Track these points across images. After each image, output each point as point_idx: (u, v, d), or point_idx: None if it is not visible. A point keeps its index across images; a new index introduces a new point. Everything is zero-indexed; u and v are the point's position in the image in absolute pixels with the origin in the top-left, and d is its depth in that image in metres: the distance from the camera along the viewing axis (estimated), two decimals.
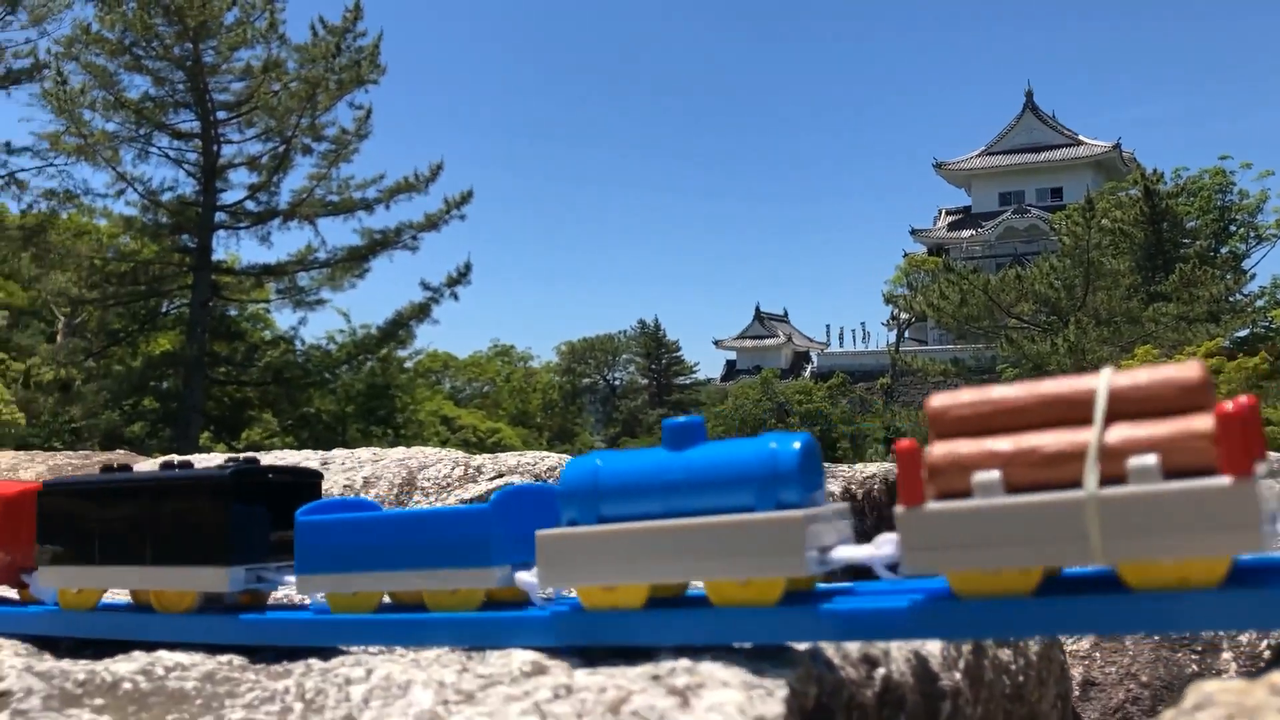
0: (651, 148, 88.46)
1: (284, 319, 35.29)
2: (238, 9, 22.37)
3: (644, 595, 0.64)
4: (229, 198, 23.79)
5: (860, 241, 79.51)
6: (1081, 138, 34.52)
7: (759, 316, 40.22)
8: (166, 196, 23.44)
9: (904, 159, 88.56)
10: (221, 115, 22.98)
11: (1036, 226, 31.03)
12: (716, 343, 40.89)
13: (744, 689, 0.48)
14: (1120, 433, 0.54)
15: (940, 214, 36.44)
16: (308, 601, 0.80)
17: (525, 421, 34.31)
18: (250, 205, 23.88)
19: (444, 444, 23.59)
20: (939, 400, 0.60)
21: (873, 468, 1.99)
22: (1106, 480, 0.54)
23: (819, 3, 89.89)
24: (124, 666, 0.63)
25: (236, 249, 25.75)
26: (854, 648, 0.60)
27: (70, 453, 3.07)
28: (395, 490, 2.17)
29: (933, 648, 0.67)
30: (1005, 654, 0.75)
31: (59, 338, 23.78)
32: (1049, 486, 0.55)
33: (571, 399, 38.89)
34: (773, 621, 0.59)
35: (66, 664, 0.66)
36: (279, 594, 0.97)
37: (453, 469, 2.20)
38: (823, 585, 0.66)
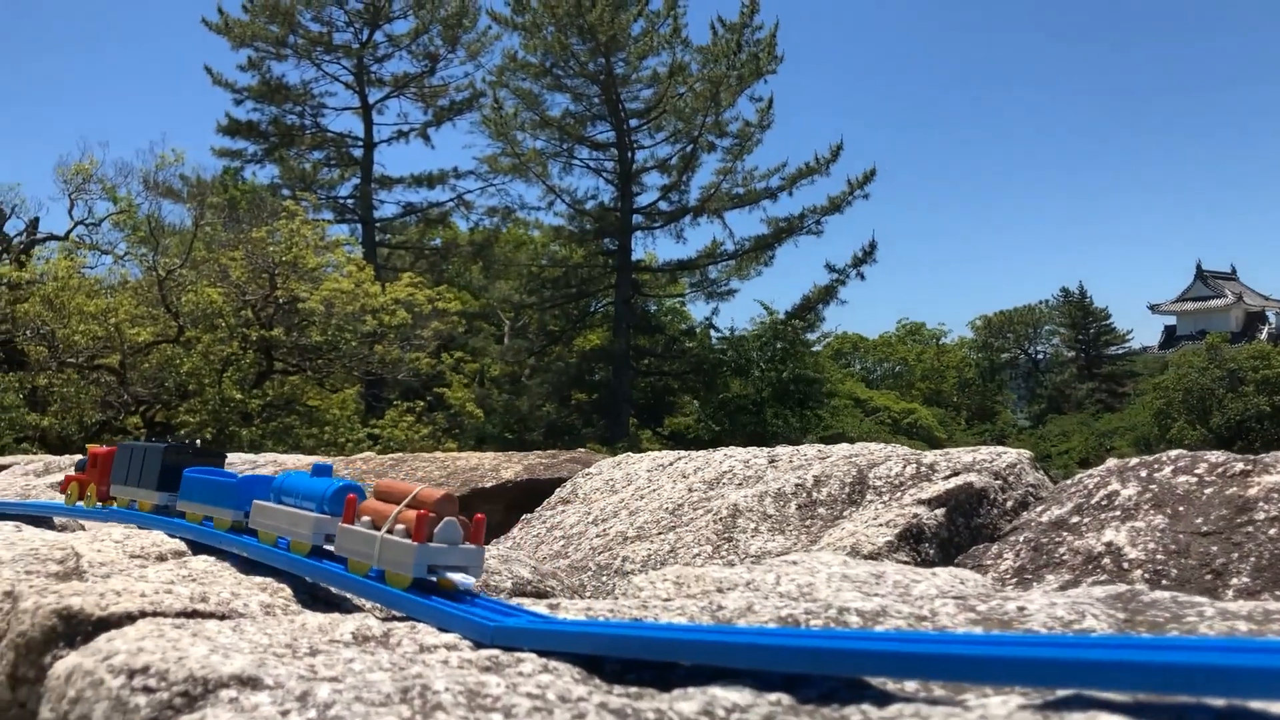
0: (1065, 99, 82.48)
1: (698, 310, 36.78)
2: (643, 19, 23.57)
3: (275, 538, 1.30)
4: (643, 200, 25.25)
5: None
6: None
7: (1201, 275, 36.45)
8: (589, 204, 25.34)
9: None
10: (633, 123, 24.39)
11: None
12: (1152, 307, 37.60)
13: None
14: (406, 512, 1.09)
15: None
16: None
17: (941, 401, 33.40)
18: (663, 205, 25.20)
19: (860, 426, 23.50)
20: (379, 482, 1.18)
21: None
22: (390, 531, 1.09)
23: None
24: (686, 706, 0.64)
25: (653, 247, 27.27)
26: None
27: (540, 451, 3.35)
28: (847, 489, 2.15)
29: None
30: None
31: (506, 339, 26.39)
32: (380, 529, 1.11)
33: (990, 376, 37.30)
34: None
35: (634, 699, 0.69)
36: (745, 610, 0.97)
37: (904, 467, 2.14)
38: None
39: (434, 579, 1.06)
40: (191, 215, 17.90)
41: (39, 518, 1.93)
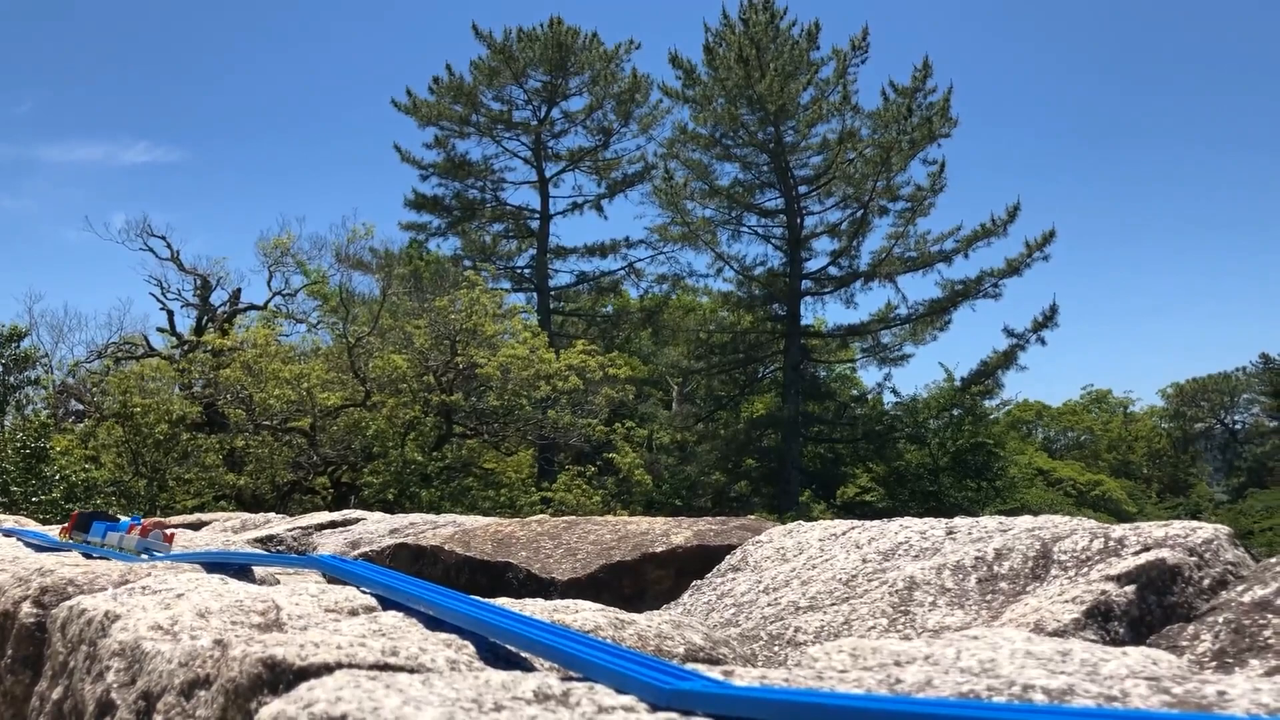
0: (1263, 150, 77.95)
1: (869, 376, 36.11)
2: (813, 88, 23.69)
3: (133, 547, 2.24)
4: (813, 265, 25.17)
5: None
6: None
7: None
8: (758, 271, 25.44)
9: None
10: (802, 190, 24.43)
11: None
12: None
13: None
14: (142, 528, 2.34)
15: None
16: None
17: (1129, 473, 31.73)
18: (833, 270, 25.05)
19: (1042, 497, 22.52)
20: (144, 522, 2.43)
21: None
22: (134, 535, 2.30)
23: None
24: None
25: (822, 313, 27.09)
26: None
27: (710, 518, 3.36)
28: (1030, 564, 2.07)
29: None
30: None
31: (674, 405, 26.57)
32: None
33: (1183, 447, 35.25)
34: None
35: None
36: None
37: (1091, 541, 2.05)
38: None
39: (146, 552, 2.15)
40: (379, 285, 18.83)
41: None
